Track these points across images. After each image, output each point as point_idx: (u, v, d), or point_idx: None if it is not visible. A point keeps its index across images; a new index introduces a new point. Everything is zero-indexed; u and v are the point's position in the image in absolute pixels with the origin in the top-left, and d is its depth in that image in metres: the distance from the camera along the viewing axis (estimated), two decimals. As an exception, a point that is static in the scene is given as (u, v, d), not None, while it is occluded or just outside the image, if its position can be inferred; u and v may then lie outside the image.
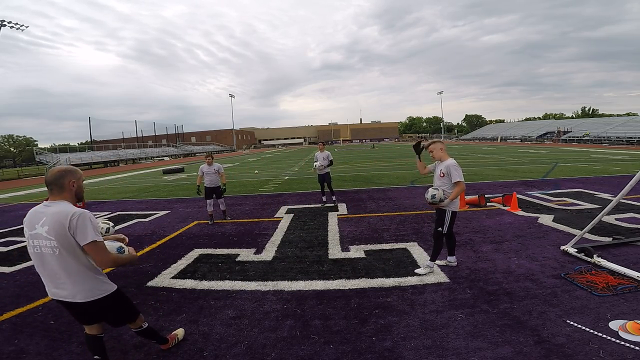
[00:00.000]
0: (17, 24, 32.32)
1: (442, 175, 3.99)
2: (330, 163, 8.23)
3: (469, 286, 3.64)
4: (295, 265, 4.51)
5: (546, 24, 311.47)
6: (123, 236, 2.65)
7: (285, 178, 15.37)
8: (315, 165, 8.25)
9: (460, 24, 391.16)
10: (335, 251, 5.01)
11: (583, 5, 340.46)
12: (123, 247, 2.21)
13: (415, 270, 4.06)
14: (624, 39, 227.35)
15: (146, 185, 15.65)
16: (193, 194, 11.55)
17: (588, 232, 4.46)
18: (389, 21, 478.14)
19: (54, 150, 42.07)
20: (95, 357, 2.34)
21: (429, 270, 4.02)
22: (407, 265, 4.31)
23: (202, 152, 66.99)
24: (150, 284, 4.16)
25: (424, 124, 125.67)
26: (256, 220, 7.31)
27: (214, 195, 7.26)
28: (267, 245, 5.46)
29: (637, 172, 3.86)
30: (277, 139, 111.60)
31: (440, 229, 4.03)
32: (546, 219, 6.08)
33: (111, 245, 2.14)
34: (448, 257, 4.26)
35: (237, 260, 4.83)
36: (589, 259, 4.02)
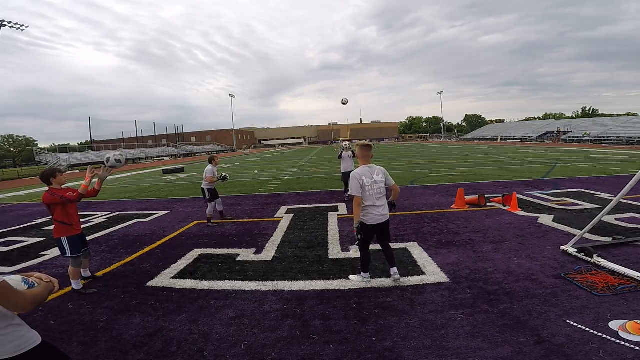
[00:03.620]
0: (17, 24, 32.33)
1: None
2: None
3: (469, 286, 3.64)
4: (295, 265, 4.51)
5: (544, 24, 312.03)
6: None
7: (285, 178, 15.38)
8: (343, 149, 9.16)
9: (458, 24, 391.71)
10: (335, 251, 5.01)
11: (580, 5, 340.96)
12: (29, 280, 1.60)
13: (350, 276, 3.99)
14: (622, 39, 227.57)
15: (146, 185, 15.65)
16: (193, 194, 11.56)
17: (588, 232, 4.46)
18: (387, 21, 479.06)
19: (54, 150, 42.09)
20: None
21: (361, 280, 3.87)
22: (407, 265, 4.31)
23: (202, 152, 67.03)
24: (150, 284, 4.16)
25: (424, 124, 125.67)
26: (256, 220, 7.31)
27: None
28: (267, 245, 5.46)
29: (637, 172, 3.86)
30: (277, 139, 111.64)
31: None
32: (546, 219, 6.08)
33: (15, 280, 1.57)
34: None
35: (237, 260, 4.83)
36: (589, 259, 4.02)
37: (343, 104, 5.00)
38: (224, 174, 7.70)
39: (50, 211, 3.97)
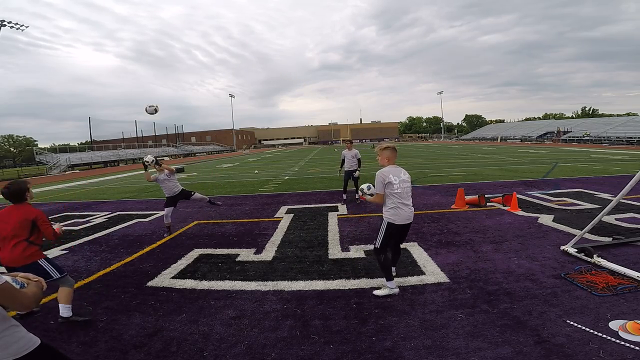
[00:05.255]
0: (17, 24, 32.29)
1: None
2: (358, 162, 8.33)
3: (469, 286, 3.64)
4: (295, 265, 4.51)
5: (543, 24, 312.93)
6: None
7: (285, 178, 15.37)
8: (339, 172, 8.73)
9: (457, 24, 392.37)
10: (335, 251, 5.01)
11: (579, 5, 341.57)
12: (18, 279, 1.52)
13: (374, 292, 3.57)
14: (621, 39, 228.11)
15: (146, 185, 15.63)
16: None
17: (588, 232, 4.46)
18: (386, 22, 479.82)
19: (54, 150, 42.03)
20: None
21: (388, 292, 3.50)
22: (407, 265, 4.30)
23: (202, 152, 67.03)
24: (150, 284, 4.15)
25: (424, 124, 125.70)
26: (256, 220, 7.30)
27: (177, 203, 6.51)
28: (267, 245, 5.46)
29: (637, 172, 3.86)
30: (277, 139, 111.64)
31: (374, 242, 3.61)
32: (546, 219, 6.08)
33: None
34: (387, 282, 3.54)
35: (237, 260, 4.83)
36: (589, 259, 4.01)
37: (149, 113, 4.06)
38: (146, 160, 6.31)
39: (29, 230, 3.14)
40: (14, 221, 3.11)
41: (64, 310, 3.25)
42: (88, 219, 8.32)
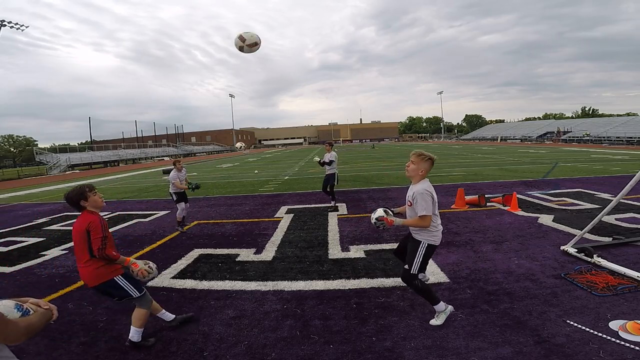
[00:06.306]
0: (17, 24, 32.31)
1: (409, 203, 3.03)
2: (329, 163, 7.81)
3: (469, 286, 3.64)
4: (295, 265, 4.51)
5: (543, 24, 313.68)
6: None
7: (285, 178, 15.37)
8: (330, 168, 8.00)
9: (456, 24, 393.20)
10: (335, 251, 5.01)
11: (578, 6, 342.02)
12: (23, 306, 1.36)
13: (430, 322, 2.98)
14: (621, 39, 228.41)
15: (146, 185, 15.64)
16: (193, 194, 11.54)
17: (588, 232, 4.46)
18: (385, 22, 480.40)
19: (54, 150, 42.06)
20: None
21: (444, 317, 2.97)
22: (407, 265, 4.30)
23: (202, 152, 67.02)
24: (150, 284, 4.13)
25: (424, 124, 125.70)
26: (256, 220, 7.30)
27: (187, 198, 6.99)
28: (267, 245, 5.46)
29: (637, 172, 3.86)
30: (277, 139, 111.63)
31: (406, 266, 3.04)
32: (546, 219, 6.07)
33: (7, 306, 1.32)
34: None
35: (237, 260, 4.83)
36: (589, 259, 4.01)
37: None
38: (196, 183, 7.18)
39: (98, 242, 2.68)
40: (74, 234, 2.76)
41: (134, 334, 2.84)
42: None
